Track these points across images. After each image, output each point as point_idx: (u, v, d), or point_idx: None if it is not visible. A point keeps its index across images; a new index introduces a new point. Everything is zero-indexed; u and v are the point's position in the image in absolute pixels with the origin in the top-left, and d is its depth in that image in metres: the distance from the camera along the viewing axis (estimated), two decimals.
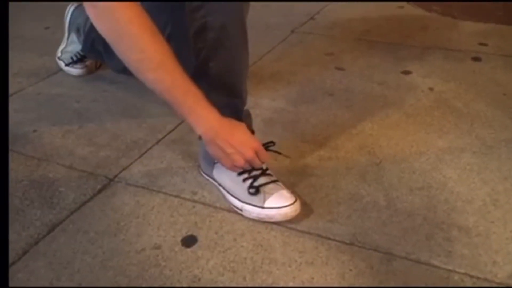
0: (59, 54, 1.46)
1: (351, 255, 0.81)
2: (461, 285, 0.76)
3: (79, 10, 1.41)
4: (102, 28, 0.79)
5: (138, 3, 0.79)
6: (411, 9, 1.92)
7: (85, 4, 0.78)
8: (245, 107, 0.99)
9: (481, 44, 1.59)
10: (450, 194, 0.95)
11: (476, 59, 1.50)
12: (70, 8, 1.43)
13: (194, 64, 0.92)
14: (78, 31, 1.41)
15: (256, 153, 0.88)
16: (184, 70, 0.82)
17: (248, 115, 1.00)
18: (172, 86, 0.82)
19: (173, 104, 0.84)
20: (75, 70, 1.43)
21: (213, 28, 0.87)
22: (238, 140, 0.87)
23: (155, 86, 0.82)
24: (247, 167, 0.89)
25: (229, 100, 0.94)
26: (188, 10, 0.89)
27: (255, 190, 0.89)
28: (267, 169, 0.93)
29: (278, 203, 0.87)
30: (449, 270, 0.79)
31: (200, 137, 0.98)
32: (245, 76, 0.96)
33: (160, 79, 0.81)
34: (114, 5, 0.77)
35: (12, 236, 0.86)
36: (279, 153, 0.96)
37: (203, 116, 0.85)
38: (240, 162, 0.87)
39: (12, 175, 1.01)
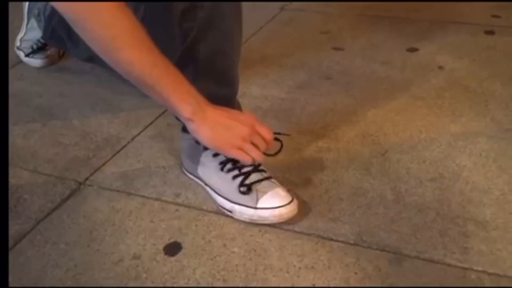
0: (18, 44, 1.45)
1: (356, 257, 0.83)
2: (479, 284, 0.77)
3: None
4: (63, 3, 0.76)
5: None
6: None
7: None
8: None
9: (494, 16, 1.61)
10: (465, 185, 0.96)
11: (490, 32, 1.51)
12: None
13: (180, 47, 0.92)
14: (38, 15, 1.40)
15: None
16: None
17: (238, 105, 1.00)
18: (152, 65, 0.80)
19: (153, 86, 0.81)
20: (36, 61, 1.43)
21: (203, 5, 0.87)
22: (233, 115, 0.87)
23: (132, 67, 0.80)
24: (251, 151, 0.86)
25: (219, 89, 0.94)
26: None
27: (247, 189, 0.89)
28: (259, 164, 0.93)
29: (273, 203, 0.88)
30: (466, 269, 0.80)
31: (183, 129, 0.98)
32: (237, 60, 0.96)
33: (137, 58, 0.79)
34: None
35: None
36: (279, 133, 0.93)
37: (189, 93, 0.83)
38: (244, 130, 0.85)
39: None
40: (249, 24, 1.63)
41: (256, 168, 0.92)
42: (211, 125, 0.85)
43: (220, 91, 0.95)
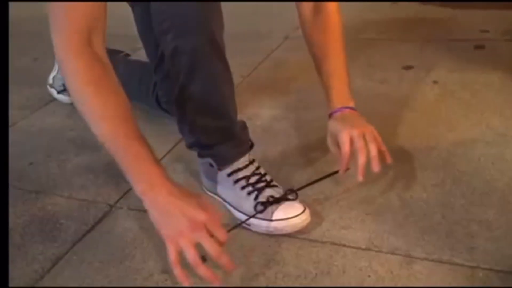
0: (50, 82, 1.47)
1: (369, 261, 0.80)
2: (487, 281, 0.75)
3: None
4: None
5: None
6: (405, 4, 1.93)
7: None
8: (241, 119, 0.97)
9: (483, 31, 1.60)
10: (467, 188, 0.93)
11: (479, 47, 1.49)
12: None
13: (172, 90, 0.91)
14: None
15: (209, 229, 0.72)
16: (133, 119, 0.77)
17: (244, 126, 0.98)
18: (113, 137, 0.75)
19: (113, 155, 0.76)
20: (67, 98, 1.44)
21: (184, 51, 0.85)
22: (184, 206, 0.72)
23: (98, 138, 0.76)
24: (185, 249, 0.71)
25: (216, 123, 0.92)
26: (158, 32, 0.87)
27: (264, 208, 0.87)
28: (271, 180, 0.92)
29: (287, 214, 0.86)
30: (473, 267, 0.77)
31: (199, 154, 0.97)
32: (231, 95, 0.93)
33: (100, 133, 0.76)
34: (63, 56, 0.75)
35: (15, 273, 0.85)
36: (323, 178, 0.92)
37: (143, 172, 0.74)
38: (184, 225, 0.71)
39: (10, 211, 1.00)
40: (257, 53, 1.64)
41: (268, 184, 0.91)
42: (159, 210, 0.74)
43: (218, 124, 0.92)
